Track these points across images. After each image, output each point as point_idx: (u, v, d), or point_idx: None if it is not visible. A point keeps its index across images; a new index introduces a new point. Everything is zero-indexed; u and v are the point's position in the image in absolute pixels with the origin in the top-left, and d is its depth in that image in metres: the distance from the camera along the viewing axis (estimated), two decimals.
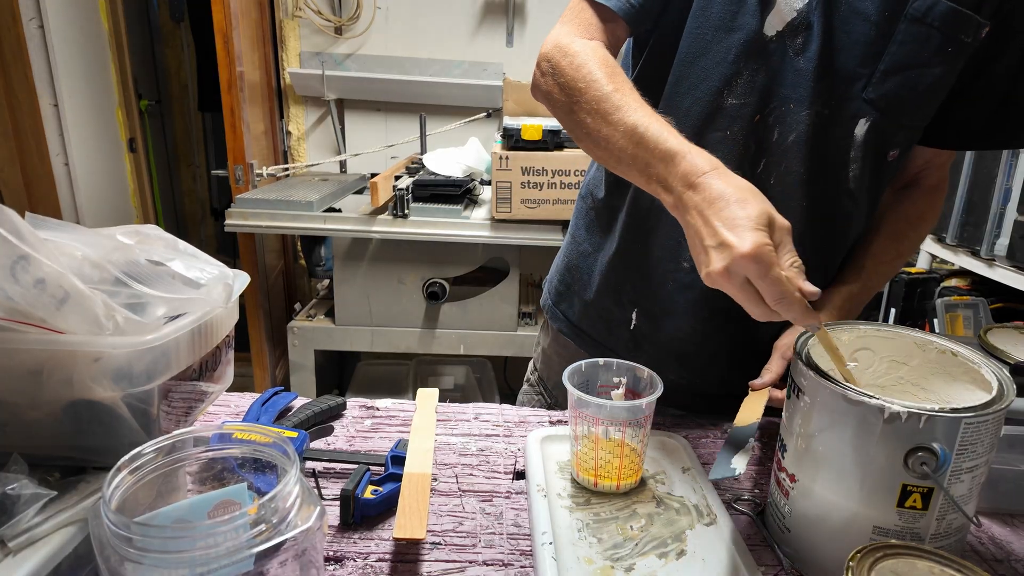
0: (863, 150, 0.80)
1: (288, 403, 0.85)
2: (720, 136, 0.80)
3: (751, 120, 0.79)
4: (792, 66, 0.76)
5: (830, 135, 0.79)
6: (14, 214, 0.54)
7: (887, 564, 0.49)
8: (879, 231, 0.90)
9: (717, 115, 0.80)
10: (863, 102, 0.77)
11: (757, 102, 0.78)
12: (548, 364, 1.07)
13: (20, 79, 2.03)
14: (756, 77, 0.77)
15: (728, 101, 0.79)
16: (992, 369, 0.61)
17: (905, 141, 0.83)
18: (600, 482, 0.71)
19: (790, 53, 0.76)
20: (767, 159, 0.80)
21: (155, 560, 0.42)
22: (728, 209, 0.60)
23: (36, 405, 0.57)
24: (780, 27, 0.76)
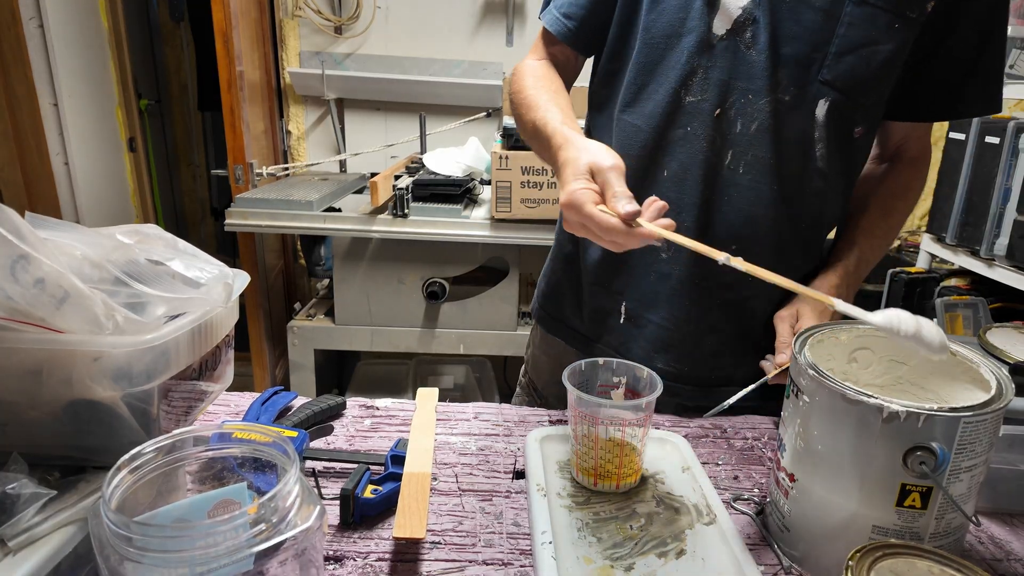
0: (827, 130, 0.82)
1: (288, 403, 0.85)
2: (682, 133, 0.84)
3: (711, 115, 0.82)
4: (745, 59, 0.80)
5: (792, 119, 0.81)
6: (14, 213, 0.54)
7: (886, 563, 0.49)
8: (868, 207, 0.92)
9: (677, 114, 0.84)
10: (820, 84, 0.80)
11: (715, 97, 0.82)
12: (537, 367, 1.09)
13: (20, 78, 2.03)
14: (711, 74, 0.82)
15: (686, 100, 0.83)
16: (991, 369, 0.61)
17: (869, 117, 0.86)
18: (600, 482, 0.71)
19: (741, 48, 0.80)
20: (733, 150, 0.82)
21: (155, 559, 0.42)
22: (563, 173, 0.72)
23: (36, 405, 0.57)
24: (728, 26, 0.80)
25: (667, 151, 0.85)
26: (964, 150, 1.92)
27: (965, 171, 1.92)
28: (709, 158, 0.83)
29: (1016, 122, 1.77)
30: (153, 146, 3.14)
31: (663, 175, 0.85)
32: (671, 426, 0.88)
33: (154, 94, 3.36)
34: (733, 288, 0.88)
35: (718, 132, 0.82)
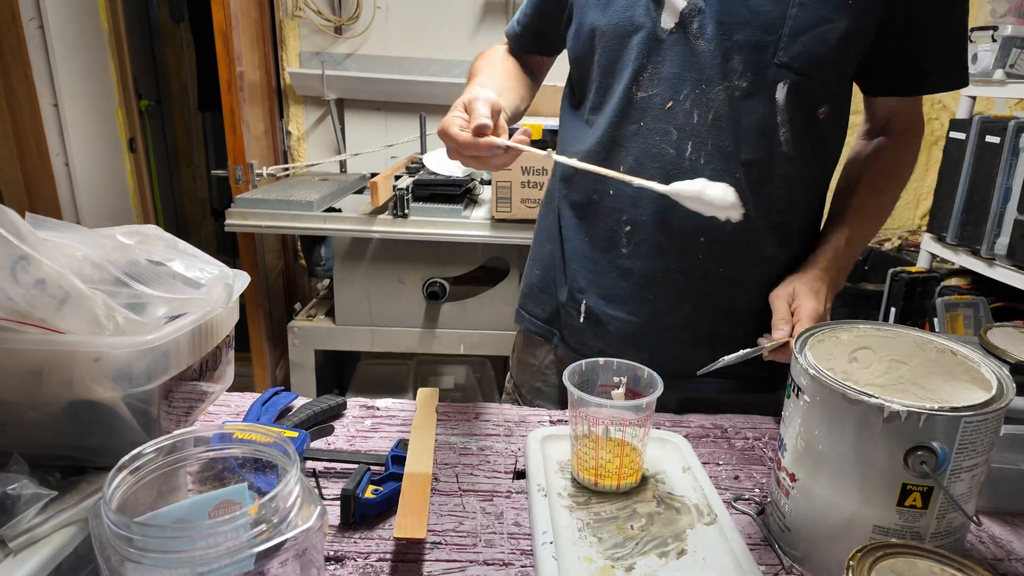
0: (788, 112, 0.82)
1: (288, 403, 0.85)
2: (634, 128, 0.85)
3: (663, 108, 0.83)
4: (695, 51, 0.80)
5: (752, 106, 0.81)
6: (14, 214, 0.54)
7: (887, 563, 0.49)
8: (858, 186, 0.92)
9: (629, 110, 0.85)
10: (777, 67, 0.80)
11: (665, 91, 0.82)
12: (520, 370, 1.09)
13: (20, 79, 2.03)
14: (661, 68, 0.82)
15: (637, 95, 0.84)
16: (992, 368, 0.61)
17: (832, 96, 0.85)
18: (600, 482, 0.71)
19: (690, 39, 0.80)
20: (692, 141, 0.83)
21: (155, 560, 0.42)
22: None
23: (36, 405, 0.57)
24: (676, 19, 0.80)
25: (622, 147, 0.86)
26: (965, 150, 1.92)
27: (966, 171, 1.92)
28: (665, 151, 0.83)
29: (1017, 121, 1.77)
30: (153, 146, 3.14)
31: (619, 170, 0.84)
32: (672, 426, 0.88)
33: (154, 94, 3.36)
34: (708, 279, 0.88)
35: (673, 124, 0.83)
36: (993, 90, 1.92)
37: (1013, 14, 1.87)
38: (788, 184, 0.86)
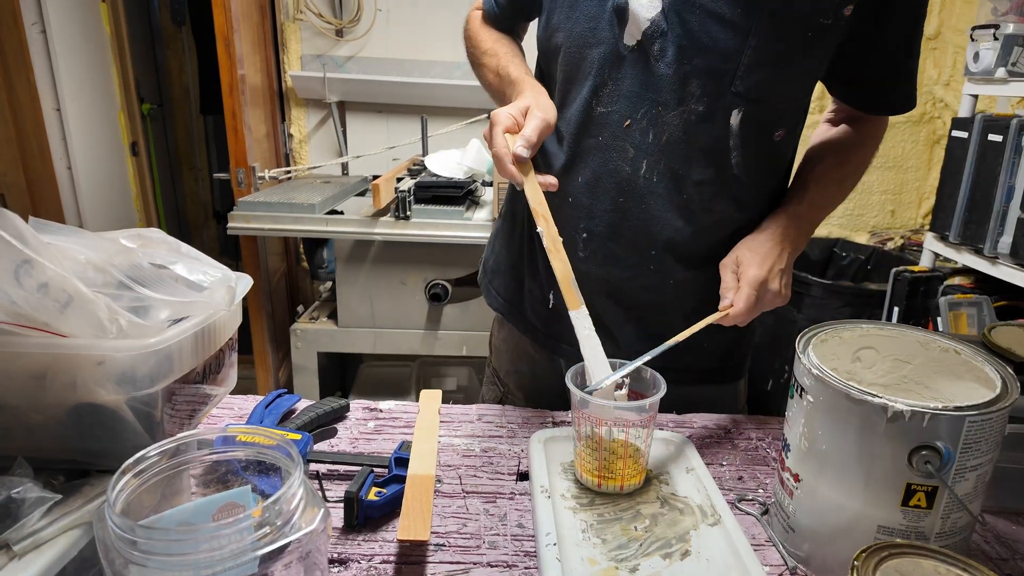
0: (742, 138, 0.82)
1: (291, 405, 0.85)
2: (593, 143, 0.85)
3: (620, 126, 0.82)
4: (653, 72, 0.80)
5: (705, 130, 0.81)
6: (17, 218, 0.54)
7: (892, 563, 0.49)
8: (823, 156, 0.91)
9: (589, 123, 0.85)
10: (734, 95, 0.79)
11: (624, 108, 0.82)
12: (497, 355, 1.11)
13: (22, 83, 2.04)
14: (620, 85, 0.82)
15: (597, 110, 0.84)
16: (996, 367, 0.61)
17: (789, 120, 0.86)
18: (604, 483, 0.71)
19: (650, 60, 0.80)
20: (647, 160, 0.83)
21: (159, 563, 0.42)
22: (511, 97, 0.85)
23: (40, 409, 0.57)
24: (638, 37, 0.80)
25: (583, 158, 0.86)
26: (967, 148, 1.91)
27: (968, 169, 1.91)
28: (621, 167, 0.84)
29: (1019, 120, 1.77)
30: (155, 150, 3.14)
31: (578, 181, 0.86)
32: (675, 427, 0.88)
33: (156, 98, 3.37)
34: (659, 288, 0.89)
35: (630, 142, 0.83)
36: (995, 88, 1.92)
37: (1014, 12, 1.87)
38: (739, 200, 0.86)
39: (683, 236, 0.85)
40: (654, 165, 0.83)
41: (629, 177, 0.84)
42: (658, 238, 0.85)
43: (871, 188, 2.76)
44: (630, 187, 0.84)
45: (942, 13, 2.56)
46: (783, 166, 0.91)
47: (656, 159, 0.82)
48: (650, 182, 0.83)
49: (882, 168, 2.74)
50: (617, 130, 0.83)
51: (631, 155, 0.83)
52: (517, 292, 1.03)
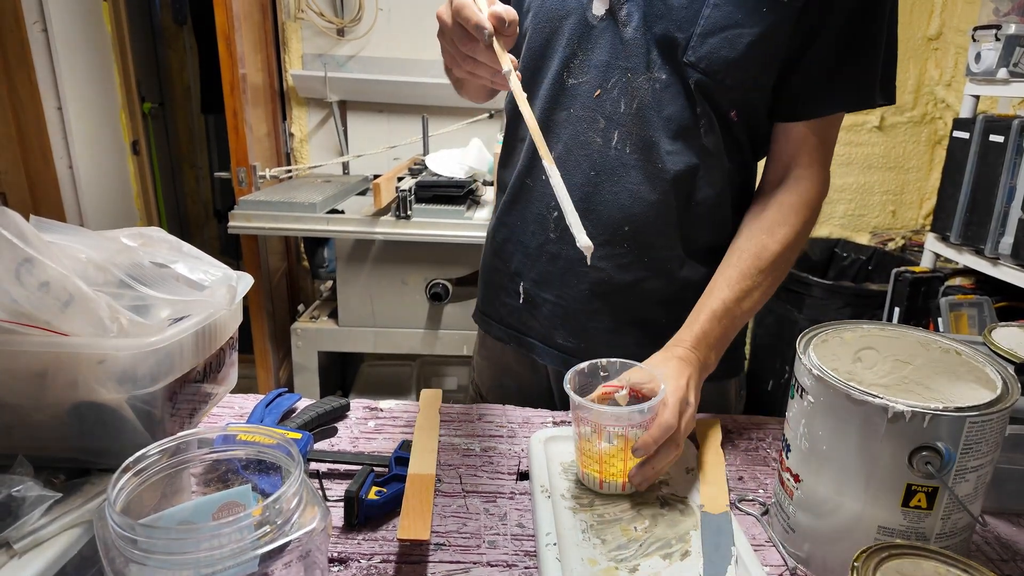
0: (702, 108, 0.82)
1: (292, 404, 0.85)
2: (565, 115, 0.85)
3: (591, 96, 0.83)
4: (622, 38, 0.80)
5: (672, 98, 0.81)
6: (18, 217, 0.54)
7: (892, 564, 0.49)
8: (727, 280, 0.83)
9: (561, 96, 0.85)
10: (685, 65, 0.80)
11: (595, 79, 0.82)
12: (479, 370, 1.10)
13: (24, 82, 2.04)
14: (590, 56, 0.82)
15: (568, 82, 0.84)
16: (996, 368, 0.61)
17: (741, 102, 0.83)
18: (605, 484, 0.71)
19: (619, 27, 0.80)
20: (619, 130, 0.83)
21: (160, 562, 0.42)
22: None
23: (41, 407, 0.57)
24: (606, 6, 0.80)
25: (554, 133, 0.86)
26: (968, 149, 1.91)
27: (969, 170, 1.91)
28: (592, 139, 0.84)
29: (1021, 120, 1.77)
30: (156, 149, 3.14)
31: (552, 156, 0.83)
32: None
33: (157, 97, 3.37)
34: (631, 268, 0.87)
35: (600, 113, 0.83)
36: (997, 89, 1.92)
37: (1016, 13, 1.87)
38: (708, 176, 0.85)
39: (657, 211, 0.84)
40: (626, 135, 0.83)
41: (601, 148, 0.83)
42: (632, 212, 0.84)
43: (872, 188, 2.76)
44: (602, 159, 0.84)
45: (943, 14, 2.56)
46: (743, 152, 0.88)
47: (628, 129, 0.82)
48: (622, 153, 0.83)
49: (883, 168, 2.74)
50: (587, 100, 0.83)
51: (602, 126, 0.83)
52: (489, 298, 1.03)
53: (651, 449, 0.68)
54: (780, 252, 0.83)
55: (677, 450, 0.70)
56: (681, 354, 0.78)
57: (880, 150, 2.70)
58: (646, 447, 0.68)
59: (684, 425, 0.71)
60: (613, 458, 0.69)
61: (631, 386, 0.73)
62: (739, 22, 0.77)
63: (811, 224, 0.86)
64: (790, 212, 0.84)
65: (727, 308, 0.81)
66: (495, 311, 1.02)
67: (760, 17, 0.77)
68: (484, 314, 1.05)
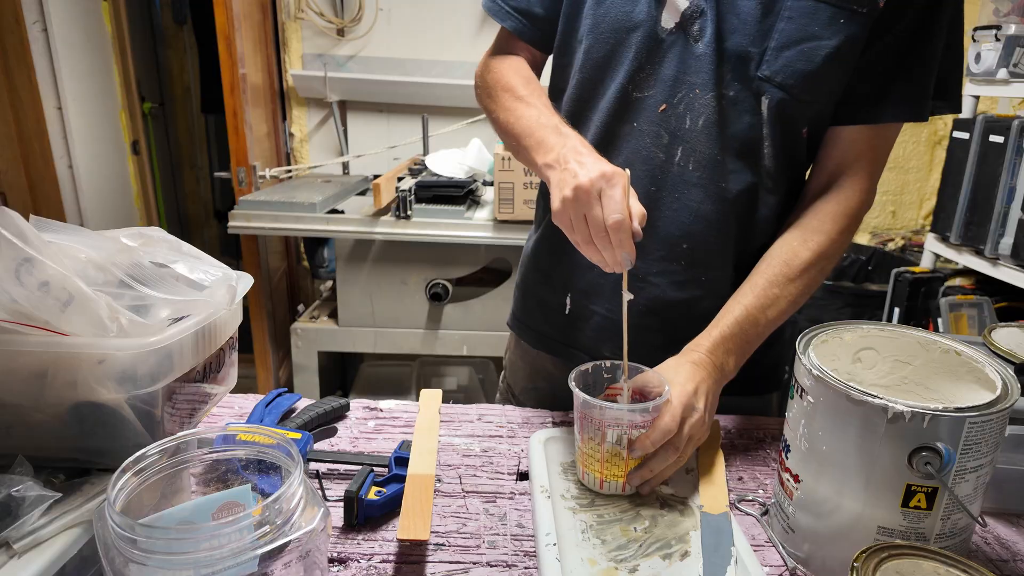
0: (771, 128, 0.80)
1: (292, 404, 0.85)
2: (629, 129, 0.83)
3: (656, 111, 0.81)
4: (692, 53, 0.79)
5: (739, 115, 0.80)
6: (18, 217, 0.54)
7: (892, 564, 0.49)
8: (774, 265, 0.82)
9: (625, 110, 0.83)
10: (760, 80, 0.78)
11: (662, 93, 0.81)
12: (513, 370, 1.09)
13: (24, 82, 2.04)
14: (658, 70, 0.80)
15: (634, 95, 0.82)
16: (996, 368, 0.61)
17: (815, 118, 0.82)
18: (606, 484, 0.71)
19: (690, 41, 0.79)
20: (683, 146, 0.81)
21: (159, 562, 0.42)
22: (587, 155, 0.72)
23: (41, 407, 0.57)
24: (676, 19, 0.78)
25: (615, 146, 0.84)
26: (968, 149, 1.91)
27: (969, 170, 1.91)
28: (655, 154, 0.82)
29: (1021, 121, 1.77)
30: (156, 149, 3.15)
31: None
32: None
33: (157, 97, 3.37)
34: (686, 286, 0.86)
35: (665, 128, 0.81)
36: (997, 89, 1.92)
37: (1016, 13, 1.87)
38: (768, 197, 0.84)
39: (717, 230, 0.83)
40: (690, 152, 0.81)
41: (663, 164, 0.82)
42: (691, 230, 0.83)
43: None
44: (663, 175, 0.82)
45: None
46: (800, 172, 0.88)
47: (692, 145, 0.81)
48: (684, 169, 0.81)
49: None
50: (652, 115, 0.81)
51: (666, 141, 0.81)
52: (529, 307, 1.01)
53: (647, 449, 0.68)
54: (811, 260, 0.80)
55: (677, 454, 0.70)
56: (695, 359, 0.77)
57: None
58: (642, 447, 0.68)
59: (688, 430, 0.70)
60: (614, 458, 0.69)
61: (637, 388, 0.73)
62: (815, 34, 0.76)
63: (849, 234, 0.84)
64: (827, 220, 0.82)
65: (749, 314, 0.79)
66: (535, 320, 1.00)
67: (837, 29, 0.75)
68: (522, 323, 1.03)
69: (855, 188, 0.83)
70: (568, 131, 0.77)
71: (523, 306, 1.03)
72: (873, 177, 0.85)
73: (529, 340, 1.01)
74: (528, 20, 0.89)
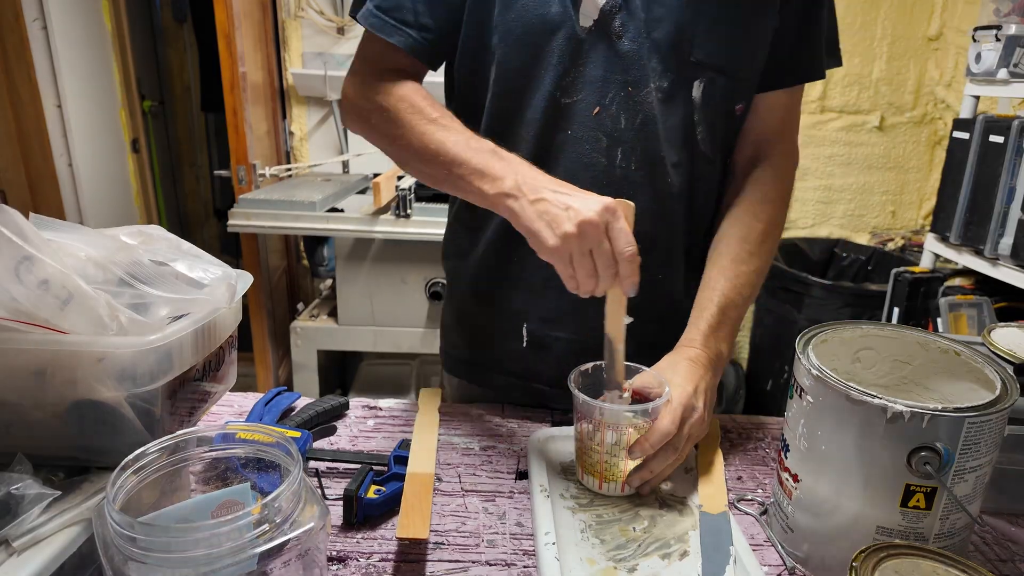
0: (704, 112, 0.80)
1: (291, 403, 0.85)
2: (564, 136, 0.80)
3: (590, 114, 0.78)
4: (617, 51, 0.76)
5: (675, 106, 0.79)
6: (18, 215, 0.54)
7: (891, 564, 0.49)
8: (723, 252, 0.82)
9: (556, 117, 0.79)
10: (693, 65, 0.78)
11: (592, 95, 0.78)
12: None
13: (24, 80, 2.04)
14: (583, 71, 0.77)
15: (563, 101, 0.79)
16: (995, 369, 0.61)
17: (747, 92, 0.83)
18: (605, 485, 0.71)
19: (612, 38, 0.76)
20: (622, 147, 0.79)
21: (159, 560, 0.42)
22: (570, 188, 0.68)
23: (40, 405, 0.57)
24: (595, 15, 0.76)
25: (552, 156, 0.80)
26: (968, 149, 1.91)
27: (969, 170, 1.91)
28: (596, 160, 0.79)
29: (1021, 121, 1.77)
30: (156, 147, 3.14)
31: None
32: None
33: (157, 95, 3.37)
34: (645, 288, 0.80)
35: (601, 131, 0.78)
36: (997, 89, 1.92)
37: (1016, 13, 1.87)
38: (709, 185, 0.85)
39: (666, 229, 0.83)
40: (630, 152, 0.79)
41: (606, 168, 0.79)
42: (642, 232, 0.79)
43: (872, 189, 2.76)
44: (608, 179, 0.80)
45: (944, 14, 2.56)
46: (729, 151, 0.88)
47: (631, 145, 0.79)
48: (627, 171, 0.80)
49: (883, 169, 2.74)
50: (586, 119, 0.78)
51: (605, 144, 0.79)
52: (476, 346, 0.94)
53: (647, 452, 0.68)
54: (766, 231, 0.83)
55: (676, 455, 0.70)
56: (692, 355, 0.76)
57: (880, 150, 2.70)
58: (642, 450, 0.68)
59: (687, 431, 0.70)
60: (614, 459, 0.69)
61: (637, 390, 0.73)
62: (737, 15, 0.76)
63: (789, 196, 0.86)
64: (770, 188, 0.84)
65: (727, 298, 0.79)
66: (488, 359, 0.93)
67: (757, 5, 0.77)
68: (471, 364, 0.96)
69: (784, 152, 0.86)
70: (507, 154, 0.72)
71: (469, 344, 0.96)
72: (794, 138, 0.87)
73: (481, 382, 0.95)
74: (417, 32, 0.80)
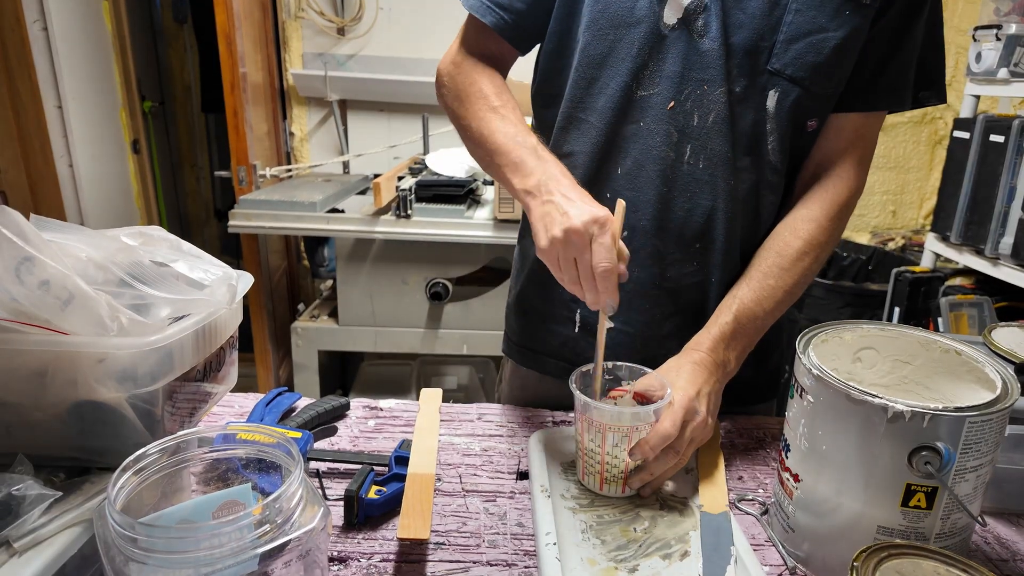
0: (777, 122, 0.80)
1: (292, 403, 0.85)
2: (635, 128, 0.81)
3: (664, 108, 0.80)
4: (697, 49, 0.77)
5: (746, 110, 0.79)
6: (19, 216, 0.54)
7: (892, 564, 0.49)
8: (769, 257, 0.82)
9: (629, 108, 0.81)
10: (769, 74, 0.78)
11: (668, 90, 0.79)
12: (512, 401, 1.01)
13: (24, 81, 2.04)
14: (662, 66, 0.79)
15: (638, 94, 0.80)
16: (996, 368, 0.61)
17: (822, 109, 0.82)
18: (606, 486, 0.71)
19: (694, 37, 0.77)
20: (692, 144, 0.80)
21: (160, 560, 0.42)
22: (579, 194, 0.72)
23: (41, 406, 0.57)
24: (679, 14, 0.77)
25: (621, 148, 0.82)
26: (969, 149, 1.91)
27: (970, 170, 1.91)
28: (665, 153, 0.80)
29: (1021, 120, 1.77)
30: (157, 148, 3.14)
31: (617, 172, 0.82)
32: None
33: (158, 96, 3.37)
34: (701, 287, 0.85)
35: (674, 126, 0.79)
36: (997, 89, 1.92)
37: (1017, 13, 1.87)
38: (774, 195, 0.84)
39: (728, 229, 0.82)
40: (700, 149, 0.80)
41: (673, 163, 0.80)
42: (703, 230, 0.82)
43: (872, 188, 2.76)
44: (674, 174, 0.80)
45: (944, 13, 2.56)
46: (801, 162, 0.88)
47: (701, 142, 0.79)
48: (694, 168, 0.80)
49: (884, 168, 2.74)
50: (660, 113, 0.79)
51: (674, 139, 0.80)
52: (530, 331, 0.96)
53: (648, 455, 0.68)
54: (804, 249, 0.81)
55: (677, 458, 0.70)
56: (697, 359, 0.76)
57: (880, 150, 2.70)
58: (642, 452, 0.68)
59: (689, 434, 0.70)
60: (614, 460, 0.69)
61: (640, 391, 0.73)
62: (823, 26, 0.76)
63: (841, 223, 0.84)
64: (817, 208, 0.83)
65: (745, 308, 0.79)
66: (541, 343, 0.95)
67: (843, 20, 0.76)
68: (525, 348, 0.97)
69: (845, 176, 0.84)
70: (546, 155, 0.76)
71: (521, 329, 0.98)
72: (863, 165, 0.85)
73: (533, 366, 0.96)
74: (509, 15, 0.84)
